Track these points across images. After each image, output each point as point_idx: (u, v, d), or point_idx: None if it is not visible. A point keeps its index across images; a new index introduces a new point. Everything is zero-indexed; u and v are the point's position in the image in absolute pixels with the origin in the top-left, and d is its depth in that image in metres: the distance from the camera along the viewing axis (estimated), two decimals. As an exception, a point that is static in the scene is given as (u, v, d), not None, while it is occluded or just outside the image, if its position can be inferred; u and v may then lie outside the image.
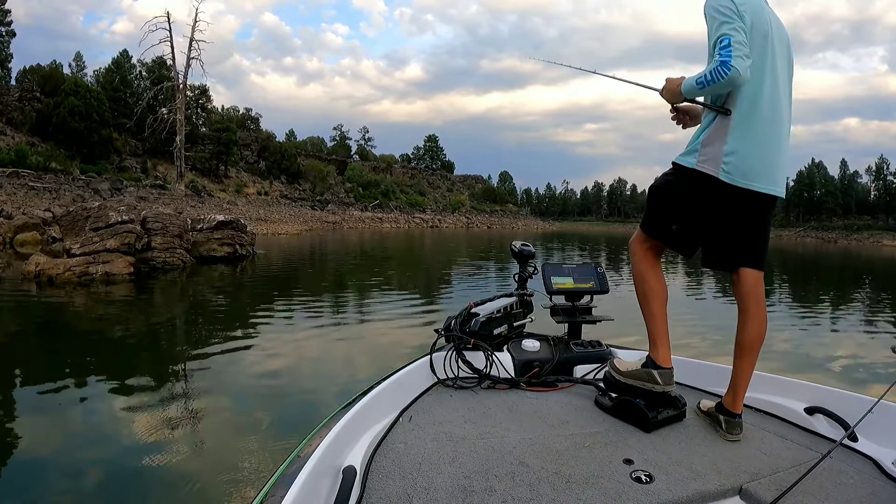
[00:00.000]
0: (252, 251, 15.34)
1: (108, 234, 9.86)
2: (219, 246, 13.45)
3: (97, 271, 9.24)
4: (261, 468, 2.97)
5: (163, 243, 11.36)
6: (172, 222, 12.01)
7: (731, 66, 1.62)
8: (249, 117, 69.52)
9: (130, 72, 50.42)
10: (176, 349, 5.86)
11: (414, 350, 5.20)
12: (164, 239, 11.45)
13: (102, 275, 9.27)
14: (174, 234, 11.82)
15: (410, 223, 58.13)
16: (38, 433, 3.45)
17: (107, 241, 9.72)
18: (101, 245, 9.66)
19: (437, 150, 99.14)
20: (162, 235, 11.43)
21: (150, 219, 11.64)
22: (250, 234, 16.08)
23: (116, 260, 9.53)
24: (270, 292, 9.90)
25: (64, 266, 9.12)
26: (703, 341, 6.52)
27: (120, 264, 9.48)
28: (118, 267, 9.41)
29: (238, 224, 14.51)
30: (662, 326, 1.91)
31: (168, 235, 11.59)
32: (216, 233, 13.64)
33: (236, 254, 13.93)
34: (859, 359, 6.12)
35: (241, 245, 14.31)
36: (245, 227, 15.09)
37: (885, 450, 1.64)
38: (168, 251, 11.39)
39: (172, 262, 11.40)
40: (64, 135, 38.26)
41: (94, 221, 10.00)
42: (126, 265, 9.58)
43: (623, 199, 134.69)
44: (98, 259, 9.40)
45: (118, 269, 9.38)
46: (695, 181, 1.81)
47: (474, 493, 1.37)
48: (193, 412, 3.88)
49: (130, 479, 2.89)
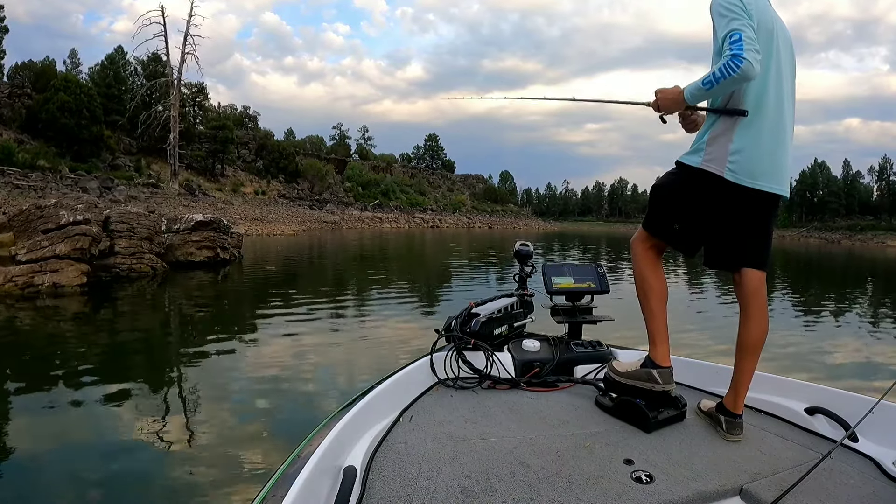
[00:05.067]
0: (238, 255, 14.03)
1: (58, 237, 8.36)
2: (197, 250, 12.04)
3: (43, 282, 7.85)
4: (260, 469, 3.00)
5: (129, 247, 9.92)
6: (141, 223, 10.52)
7: (743, 58, 1.58)
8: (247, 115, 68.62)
9: (125, 68, 49.32)
10: (119, 379, 4.65)
11: (414, 353, 5.10)
12: (131, 242, 10.02)
13: (49, 286, 7.88)
14: (143, 236, 10.39)
15: (410, 223, 57.64)
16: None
17: (56, 246, 8.24)
18: (49, 250, 8.21)
19: (437, 149, 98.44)
20: (128, 238, 10.00)
21: (115, 219, 10.18)
22: (236, 236, 14.74)
23: (67, 268, 8.09)
24: (254, 303, 8.71)
25: (4, 276, 7.72)
26: (702, 341, 6.51)
27: (70, 273, 8.06)
28: (68, 276, 7.99)
29: (220, 224, 13.10)
30: (662, 325, 1.90)
31: (135, 238, 10.16)
32: (194, 234, 12.18)
33: (217, 258, 12.55)
34: (860, 359, 6.16)
35: (224, 248, 12.95)
36: (228, 228, 13.70)
37: (886, 450, 1.63)
38: (135, 256, 9.98)
39: (140, 269, 9.99)
40: (53, 132, 37.50)
41: (44, 222, 8.52)
42: (78, 274, 8.14)
43: (624, 200, 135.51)
44: (45, 267, 8.00)
45: (68, 280, 7.96)
46: (700, 180, 1.80)
47: (475, 493, 1.37)
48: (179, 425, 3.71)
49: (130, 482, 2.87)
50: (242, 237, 15.83)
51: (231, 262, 13.33)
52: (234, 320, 7.49)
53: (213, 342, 6.02)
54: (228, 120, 53.50)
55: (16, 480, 2.87)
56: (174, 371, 5.09)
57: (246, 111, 69.17)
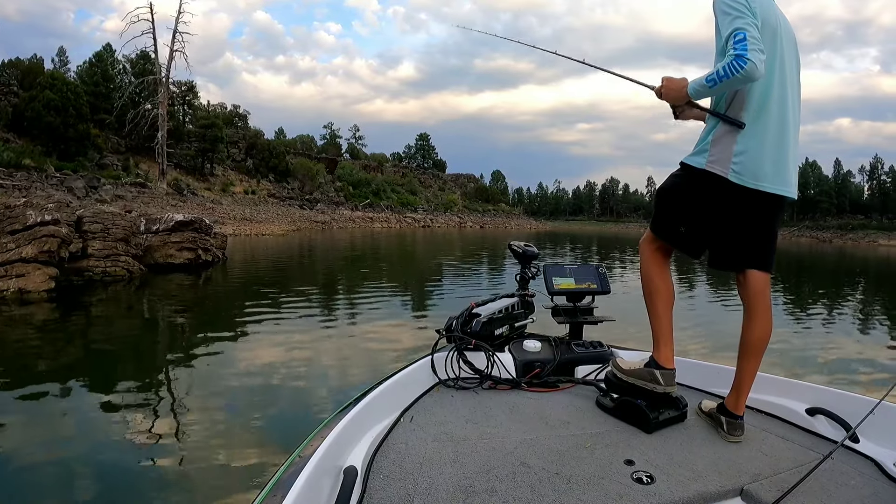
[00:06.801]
0: (221, 256, 13.67)
1: (25, 238, 7.97)
2: (177, 251, 11.66)
3: (8, 287, 7.48)
4: (256, 473, 2.97)
5: (103, 249, 9.53)
6: (116, 223, 10.10)
7: (747, 59, 1.54)
8: (237, 114, 67.96)
9: (114, 66, 48.68)
10: (96, 389, 4.44)
11: (406, 354, 5.29)
12: (105, 243, 9.62)
13: (15, 292, 7.51)
14: (118, 237, 9.99)
15: (402, 223, 57.27)
16: None
17: (23, 248, 7.84)
18: (15, 253, 7.81)
19: (428, 148, 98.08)
20: (102, 239, 9.61)
21: (88, 219, 9.78)
22: (219, 237, 14.40)
23: (34, 272, 7.73)
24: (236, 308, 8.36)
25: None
26: (702, 341, 6.48)
27: (37, 278, 7.68)
28: (34, 282, 7.62)
29: (201, 224, 12.70)
30: (667, 327, 1.90)
31: (110, 239, 9.76)
32: (174, 235, 11.78)
33: (199, 260, 12.17)
34: (860, 359, 6.12)
35: (206, 249, 12.57)
36: (210, 229, 13.31)
37: (887, 451, 1.63)
38: (109, 259, 9.58)
39: (115, 272, 9.60)
40: (39, 130, 36.93)
41: (11, 223, 8.11)
42: (45, 279, 7.77)
43: (615, 199, 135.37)
44: (11, 272, 7.63)
45: (34, 285, 7.59)
46: (704, 182, 1.79)
47: (475, 493, 1.37)
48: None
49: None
50: (227, 238, 15.47)
51: (214, 263, 12.96)
52: (214, 325, 7.15)
53: (191, 348, 5.82)
54: (218, 119, 52.91)
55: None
56: (151, 379, 4.87)
57: (236, 110, 68.46)
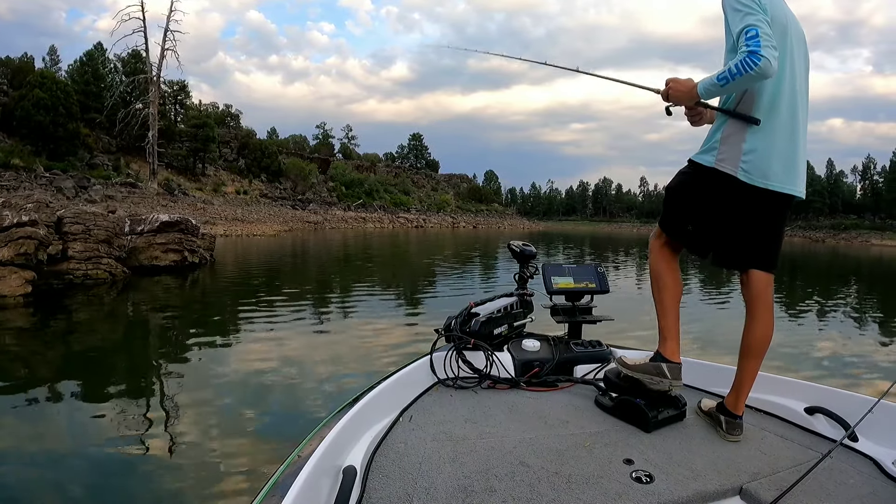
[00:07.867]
0: (209, 258, 13.45)
1: (1, 240, 7.79)
2: (162, 253, 11.44)
3: (-17, 291, 7.30)
4: (253, 474, 2.97)
5: (84, 251, 9.29)
6: (99, 224, 9.87)
7: (761, 55, 1.52)
8: (229, 114, 67.63)
9: (105, 65, 48.26)
10: (80, 397, 4.23)
11: (402, 354, 5.28)
12: (87, 245, 9.39)
13: (-10, 295, 7.32)
14: (100, 238, 9.76)
15: (395, 223, 57.11)
16: None
17: (-1, 251, 7.68)
18: (-9, 256, 7.62)
19: (421, 148, 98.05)
20: (83, 241, 9.38)
21: (69, 219, 9.54)
22: (207, 238, 14.18)
23: (10, 276, 7.50)
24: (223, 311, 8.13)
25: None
26: (697, 339, 6.49)
27: (13, 282, 7.45)
28: (10, 286, 7.38)
29: (188, 225, 12.49)
30: (673, 322, 1.90)
31: (92, 241, 9.54)
32: (159, 236, 11.56)
33: (185, 262, 11.96)
34: (860, 358, 6.10)
35: (192, 251, 12.36)
36: (197, 229, 13.10)
37: (886, 450, 1.64)
38: (91, 261, 9.35)
39: (97, 275, 9.36)
40: (28, 129, 36.57)
41: (-12, 225, 7.96)
42: (21, 283, 7.54)
43: (608, 199, 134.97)
44: (-14, 274, 7.43)
45: (10, 289, 7.34)
46: (712, 180, 1.78)
47: (475, 493, 1.37)
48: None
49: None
50: (215, 239, 15.25)
51: (201, 265, 12.73)
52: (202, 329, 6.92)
53: (179, 352, 5.68)
54: (210, 118, 52.63)
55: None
56: (137, 385, 4.74)
57: (228, 109, 68.18)
